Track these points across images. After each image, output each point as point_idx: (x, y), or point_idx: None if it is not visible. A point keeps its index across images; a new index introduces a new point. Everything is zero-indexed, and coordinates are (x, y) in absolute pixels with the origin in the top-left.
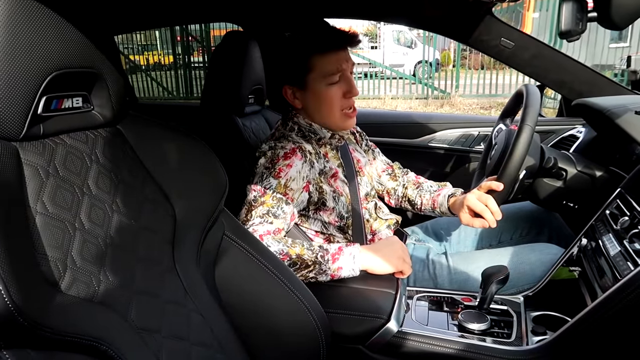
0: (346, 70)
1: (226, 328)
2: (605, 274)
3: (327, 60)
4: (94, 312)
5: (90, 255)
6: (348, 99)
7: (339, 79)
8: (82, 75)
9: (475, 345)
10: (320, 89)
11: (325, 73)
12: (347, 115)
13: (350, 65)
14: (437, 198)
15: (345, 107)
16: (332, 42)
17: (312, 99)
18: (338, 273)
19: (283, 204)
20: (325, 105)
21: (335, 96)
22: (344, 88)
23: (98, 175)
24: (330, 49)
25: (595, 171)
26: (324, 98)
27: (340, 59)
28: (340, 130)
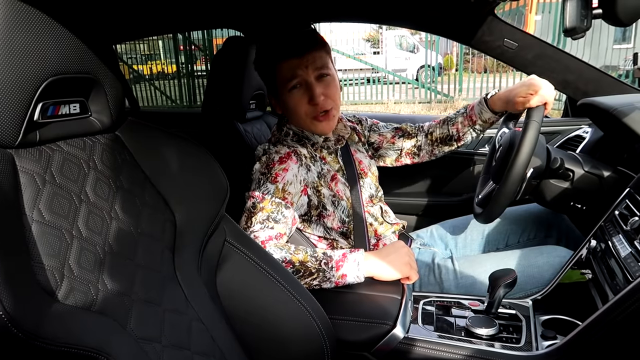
0: (305, 77)
1: (228, 336)
2: (617, 276)
3: (284, 67)
4: (92, 321)
5: (88, 264)
6: (314, 105)
7: (300, 85)
8: (79, 81)
9: (483, 351)
10: (284, 96)
11: (283, 80)
12: (317, 119)
13: (312, 70)
14: (472, 112)
15: (312, 113)
16: (281, 49)
17: (282, 105)
18: (342, 280)
19: (283, 208)
20: (290, 111)
21: (298, 102)
22: (306, 94)
23: (96, 182)
24: (283, 57)
25: (603, 171)
26: (288, 104)
27: (296, 65)
28: (319, 134)
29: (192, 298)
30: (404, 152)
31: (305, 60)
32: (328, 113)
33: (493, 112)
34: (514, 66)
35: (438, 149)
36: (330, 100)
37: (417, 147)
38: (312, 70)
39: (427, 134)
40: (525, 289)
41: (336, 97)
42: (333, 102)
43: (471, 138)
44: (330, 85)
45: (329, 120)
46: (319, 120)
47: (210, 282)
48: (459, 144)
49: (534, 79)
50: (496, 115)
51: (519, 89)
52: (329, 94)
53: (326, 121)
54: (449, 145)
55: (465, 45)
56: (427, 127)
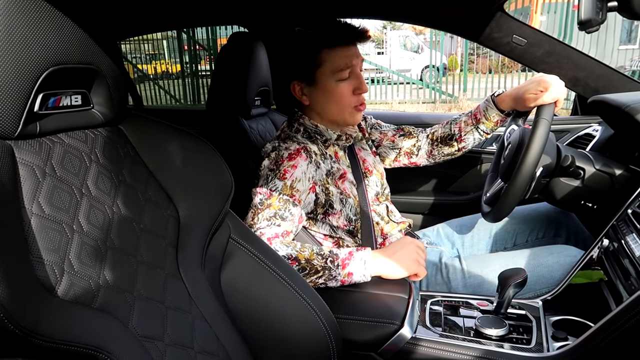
0: (356, 66)
1: (232, 335)
2: (631, 276)
3: (337, 55)
4: (92, 318)
5: (89, 259)
6: (357, 96)
7: (348, 75)
8: (80, 72)
9: (493, 352)
10: (329, 85)
11: (334, 68)
12: (357, 110)
13: (360, 61)
14: (477, 110)
15: (356, 104)
16: (342, 36)
17: (321, 95)
18: (348, 279)
19: (290, 205)
20: (334, 101)
21: (344, 92)
22: (353, 84)
23: (98, 176)
24: (340, 43)
25: (614, 170)
26: (333, 94)
27: (350, 54)
28: (347, 126)
29: (196, 296)
30: (402, 152)
31: (355, 49)
32: (363, 104)
33: (500, 110)
34: (523, 63)
35: (437, 149)
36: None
37: (416, 147)
38: (360, 59)
39: (428, 134)
40: (535, 289)
41: None
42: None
43: (473, 140)
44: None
45: (362, 111)
46: (359, 110)
47: (214, 280)
48: (460, 145)
49: (544, 75)
50: (502, 115)
51: (529, 86)
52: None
53: (362, 111)
54: (449, 146)
55: (469, 47)
56: (429, 129)
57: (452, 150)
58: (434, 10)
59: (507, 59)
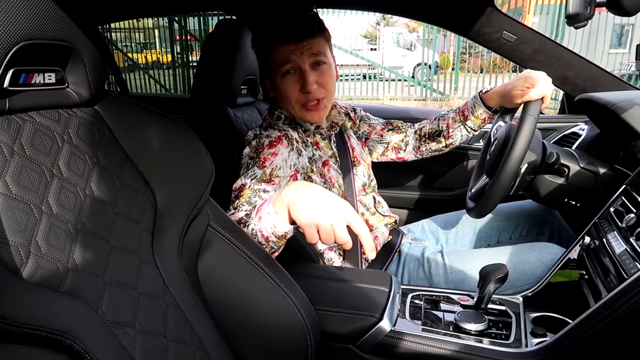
0: (300, 63)
1: (208, 324)
2: (610, 274)
3: (278, 51)
4: (59, 302)
5: (57, 242)
6: (305, 93)
7: (294, 71)
8: (54, 49)
9: (471, 347)
10: (277, 80)
11: (276, 64)
12: (307, 108)
13: (307, 57)
14: (465, 107)
15: (304, 102)
16: (279, 33)
17: (275, 89)
18: (261, 225)
19: (262, 192)
20: (282, 96)
21: (289, 88)
22: (299, 82)
23: (70, 157)
24: (279, 40)
25: (599, 168)
26: (280, 89)
27: (292, 50)
28: (308, 123)
29: (171, 283)
30: (390, 146)
31: (301, 46)
32: (319, 103)
33: (487, 107)
34: (512, 60)
35: (425, 145)
36: (323, 89)
37: (404, 143)
38: (308, 56)
39: (416, 130)
40: (516, 286)
41: (330, 86)
42: (326, 91)
43: (460, 137)
44: (325, 73)
45: (319, 111)
46: (309, 109)
47: (191, 268)
48: (447, 141)
49: (531, 72)
50: (489, 112)
51: (516, 82)
52: (322, 83)
53: (316, 111)
54: (437, 142)
55: (462, 45)
56: (418, 124)
57: (440, 146)
58: (424, 3)
59: (498, 59)
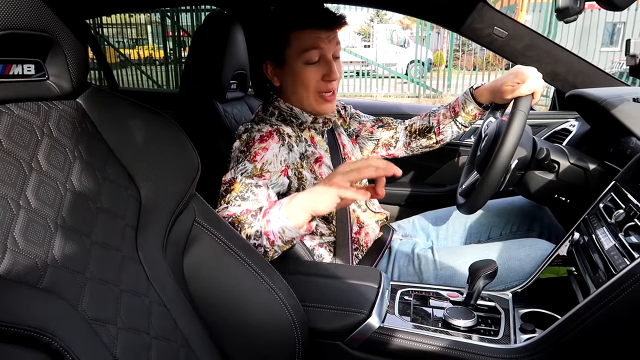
0: (326, 51)
1: (193, 321)
2: (599, 269)
3: (305, 36)
4: (36, 299)
5: (36, 237)
6: (326, 82)
7: (318, 59)
8: (33, 39)
9: (460, 343)
10: (297, 67)
11: (301, 49)
12: (324, 98)
13: (333, 47)
14: (455, 103)
15: (323, 91)
16: (312, 18)
17: (289, 77)
18: (269, 228)
19: (253, 187)
20: (300, 85)
21: (312, 77)
22: (323, 70)
23: (50, 150)
24: (310, 25)
25: (588, 164)
26: (300, 77)
27: (320, 37)
28: (317, 114)
29: (155, 279)
30: (380, 143)
31: (330, 34)
32: (334, 94)
33: (478, 103)
34: (504, 56)
35: (415, 141)
36: (337, 82)
37: (394, 139)
38: (333, 46)
39: (407, 126)
40: (506, 282)
41: (339, 81)
42: (338, 85)
43: (451, 133)
44: (339, 66)
45: (332, 102)
46: (326, 99)
47: (176, 264)
48: (438, 138)
49: (521, 67)
50: (480, 108)
51: (506, 78)
52: (338, 76)
53: (331, 102)
54: (427, 138)
55: (455, 43)
56: (408, 121)
57: (430, 142)
58: None
59: (491, 56)
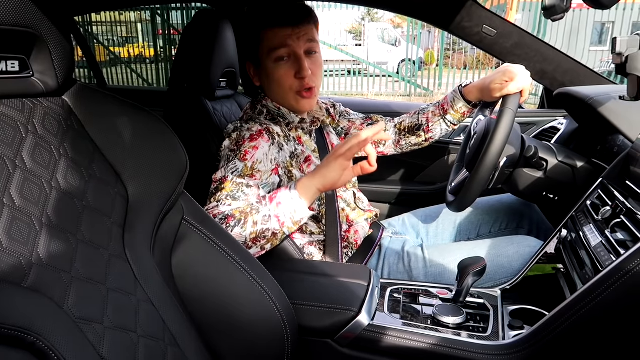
0: (295, 48)
1: (181, 320)
2: (586, 266)
3: (273, 34)
4: (21, 298)
5: (20, 235)
6: (300, 80)
7: (288, 56)
8: (17, 35)
9: (449, 340)
10: (269, 66)
11: (270, 48)
12: (301, 95)
13: (303, 43)
14: (444, 101)
15: (298, 89)
16: (278, 16)
17: (264, 76)
18: (279, 210)
19: (244, 187)
20: (274, 83)
21: (284, 75)
22: (294, 67)
23: (35, 148)
24: (277, 24)
25: (576, 162)
26: (273, 76)
27: (288, 35)
28: (299, 112)
29: (143, 278)
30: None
31: (298, 30)
32: (311, 90)
33: (467, 101)
34: (493, 54)
35: (404, 139)
36: (315, 78)
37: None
38: (304, 42)
39: (396, 124)
40: (495, 279)
41: (320, 77)
42: (317, 81)
43: (440, 131)
44: (317, 62)
45: (311, 99)
46: (303, 96)
47: (164, 262)
48: (427, 136)
49: (509, 65)
50: (469, 106)
51: (495, 76)
52: (314, 71)
53: (309, 99)
54: (416, 136)
55: (446, 42)
56: (397, 118)
57: (420, 140)
58: None
59: (482, 55)
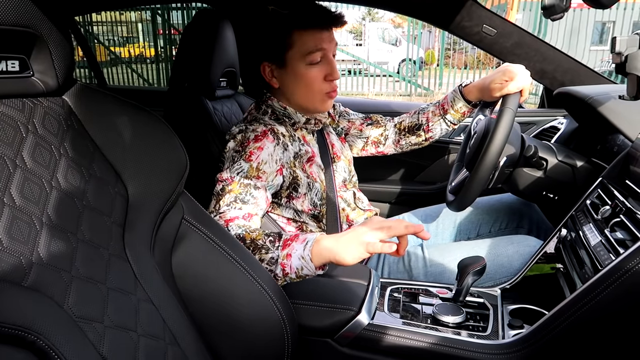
0: (328, 51)
1: (181, 319)
2: (586, 265)
3: (308, 37)
4: (21, 297)
5: (20, 235)
6: (329, 82)
7: (320, 59)
8: (17, 35)
9: (449, 339)
10: (299, 69)
11: (304, 51)
12: (329, 97)
13: (333, 47)
14: (444, 101)
15: (327, 91)
16: (314, 19)
17: (291, 78)
18: (288, 262)
19: (252, 188)
20: (303, 86)
21: (315, 78)
22: (325, 70)
23: (35, 148)
24: (312, 26)
25: (576, 161)
26: (303, 79)
27: (323, 38)
28: (317, 113)
29: (143, 277)
30: (370, 141)
31: (329, 33)
32: (335, 91)
33: (467, 101)
34: (492, 53)
35: (404, 139)
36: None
37: (384, 137)
38: (334, 45)
39: (396, 124)
40: (495, 278)
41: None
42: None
43: (440, 131)
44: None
45: (333, 100)
46: (330, 96)
47: (164, 262)
48: (427, 135)
49: (509, 65)
50: (469, 106)
51: (494, 76)
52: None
53: (332, 100)
54: (416, 135)
55: (446, 41)
56: (397, 118)
57: (419, 140)
58: None
59: (483, 55)
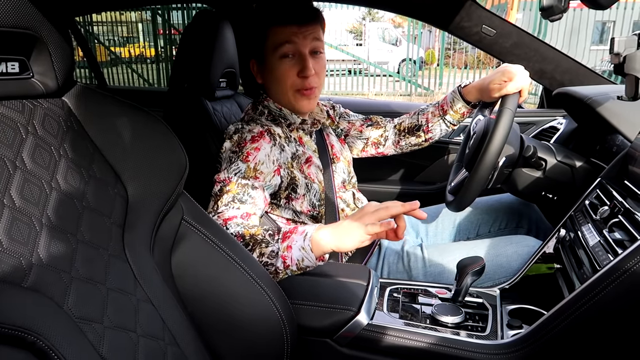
0: (300, 46)
1: (181, 320)
2: (584, 265)
3: (280, 31)
4: (21, 298)
5: (20, 236)
6: (302, 79)
7: (292, 54)
8: (17, 37)
9: (448, 339)
10: (272, 62)
11: (275, 43)
12: (301, 94)
13: (309, 42)
14: (444, 101)
15: (299, 88)
16: (286, 13)
17: (267, 73)
18: (288, 254)
19: (249, 189)
20: (276, 80)
21: (286, 72)
22: (297, 66)
23: (35, 149)
24: (285, 21)
25: (575, 161)
26: (275, 72)
27: (295, 32)
28: (298, 112)
29: (142, 278)
30: (370, 142)
31: (304, 29)
32: (312, 90)
33: (466, 101)
34: (492, 54)
35: (404, 139)
36: (317, 78)
37: (383, 138)
38: (309, 41)
39: (395, 124)
40: (494, 278)
41: (323, 78)
42: (319, 82)
43: (440, 131)
44: (320, 62)
45: (311, 99)
46: (303, 94)
47: (164, 262)
48: (426, 136)
49: (508, 65)
50: (468, 106)
51: (494, 77)
52: (318, 71)
53: (309, 99)
54: (416, 136)
55: (446, 41)
56: (397, 119)
57: (419, 140)
58: None
59: (483, 55)
